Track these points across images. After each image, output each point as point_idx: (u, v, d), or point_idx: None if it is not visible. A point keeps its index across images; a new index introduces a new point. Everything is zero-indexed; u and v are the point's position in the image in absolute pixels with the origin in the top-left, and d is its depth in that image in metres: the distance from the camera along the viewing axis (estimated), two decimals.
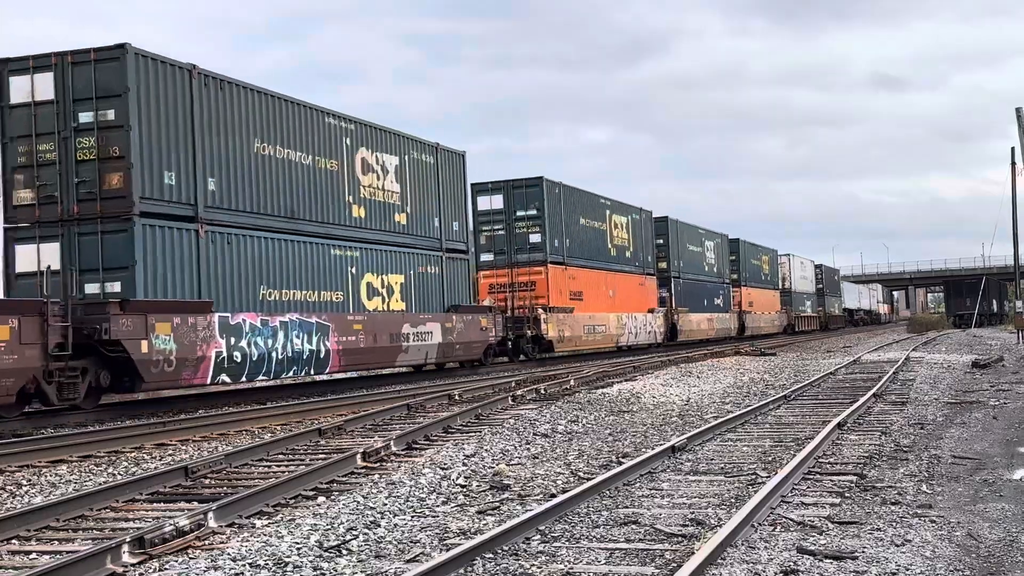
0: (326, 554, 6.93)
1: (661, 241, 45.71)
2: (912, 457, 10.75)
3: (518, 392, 18.82)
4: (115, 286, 17.03)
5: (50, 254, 16.97)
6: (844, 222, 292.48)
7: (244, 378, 19.19)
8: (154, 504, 9.08)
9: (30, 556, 7.25)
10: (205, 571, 6.57)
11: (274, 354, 19.53)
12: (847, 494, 8.71)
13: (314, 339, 20.82)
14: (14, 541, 7.64)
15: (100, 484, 9.90)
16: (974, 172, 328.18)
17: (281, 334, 19.72)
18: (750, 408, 15.31)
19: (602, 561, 6.66)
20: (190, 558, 6.95)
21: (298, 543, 7.23)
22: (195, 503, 8.90)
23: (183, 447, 13.05)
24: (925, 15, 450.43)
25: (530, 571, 6.38)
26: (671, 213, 49.96)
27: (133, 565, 6.81)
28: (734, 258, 57.66)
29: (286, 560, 6.75)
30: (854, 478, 9.44)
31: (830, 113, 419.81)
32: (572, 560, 6.65)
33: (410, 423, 14.69)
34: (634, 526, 7.61)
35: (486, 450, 11.82)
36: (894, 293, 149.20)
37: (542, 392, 19.36)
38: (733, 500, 8.56)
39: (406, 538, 7.41)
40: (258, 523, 8.06)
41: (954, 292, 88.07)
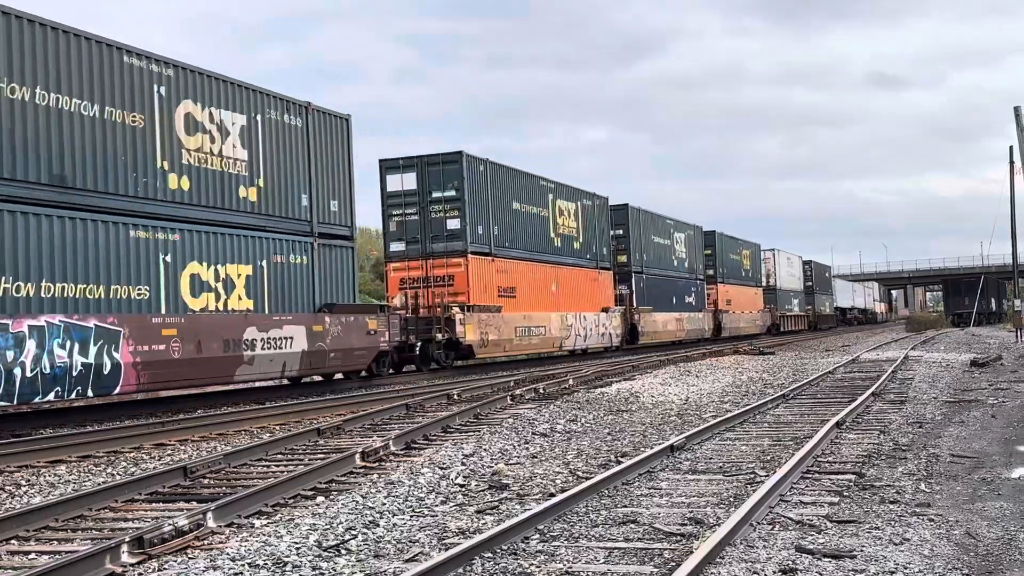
0: (325, 554, 6.94)
1: (621, 232, 40.99)
2: (911, 456, 10.76)
3: (517, 391, 18.84)
4: None
5: None
6: (843, 221, 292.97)
7: None
8: (153, 504, 9.09)
9: (29, 556, 7.25)
10: (204, 571, 6.57)
11: (18, 371, 14.44)
12: (846, 493, 8.72)
13: (92, 350, 15.66)
14: (13, 541, 7.64)
15: (99, 484, 9.90)
16: (973, 171, 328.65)
17: (31, 343, 14.68)
18: (749, 407, 15.32)
19: (601, 560, 6.67)
20: (189, 558, 6.96)
21: (297, 543, 7.23)
22: (194, 503, 8.91)
23: (182, 447, 13.06)
24: (923, 14, 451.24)
25: (529, 570, 6.38)
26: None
27: (132, 565, 6.82)
28: (709, 252, 52.91)
29: (285, 560, 6.75)
30: (853, 477, 9.45)
31: (829, 112, 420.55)
32: (571, 559, 6.66)
33: (409, 423, 14.70)
34: (633, 525, 7.62)
35: (485, 449, 11.83)
36: (893, 292, 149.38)
37: (541, 391, 19.38)
38: (732, 499, 8.56)
39: (405, 538, 7.41)
40: (257, 523, 8.06)
41: (953, 291, 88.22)
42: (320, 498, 9.10)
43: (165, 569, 6.70)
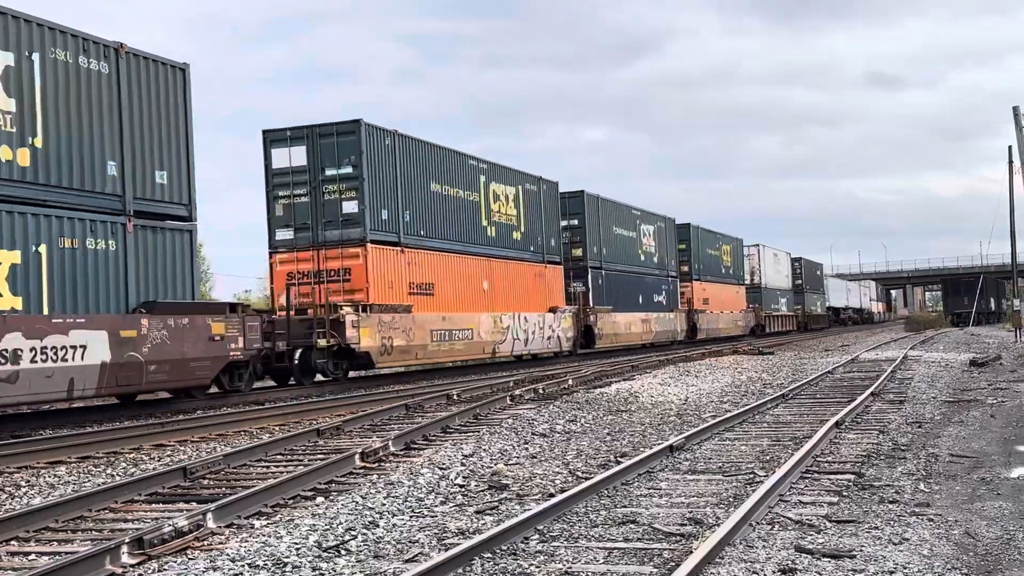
0: (325, 554, 6.94)
1: (576, 222, 36.60)
2: (910, 456, 10.78)
3: (516, 392, 18.85)
4: None
5: None
6: (842, 221, 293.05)
7: None
8: (153, 505, 9.10)
9: (29, 557, 7.26)
10: (204, 572, 6.58)
11: None
12: (845, 493, 8.73)
13: None
14: (13, 542, 7.65)
15: (99, 485, 9.91)
16: (971, 170, 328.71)
17: None
18: (748, 407, 15.33)
19: (600, 560, 6.67)
20: (189, 559, 6.96)
21: (297, 543, 7.24)
22: (194, 504, 8.91)
23: (181, 448, 13.07)
24: (920, 14, 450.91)
25: (528, 571, 6.39)
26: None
27: (132, 566, 6.82)
28: (683, 247, 48.53)
29: (285, 560, 6.76)
30: (852, 477, 9.46)
31: (827, 112, 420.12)
32: (570, 560, 6.67)
33: (408, 423, 14.71)
34: (632, 525, 7.63)
35: (484, 450, 11.83)
36: (892, 292, 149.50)
37: (540, 392, 19.39)
38: (731, 499, 8.57)
39: (405, 538, 7.42)
40: (257, 523, 8.07)
41: (952, 291, 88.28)
42: (320, 499, 9.10)
43: (165, 570, 6.71)
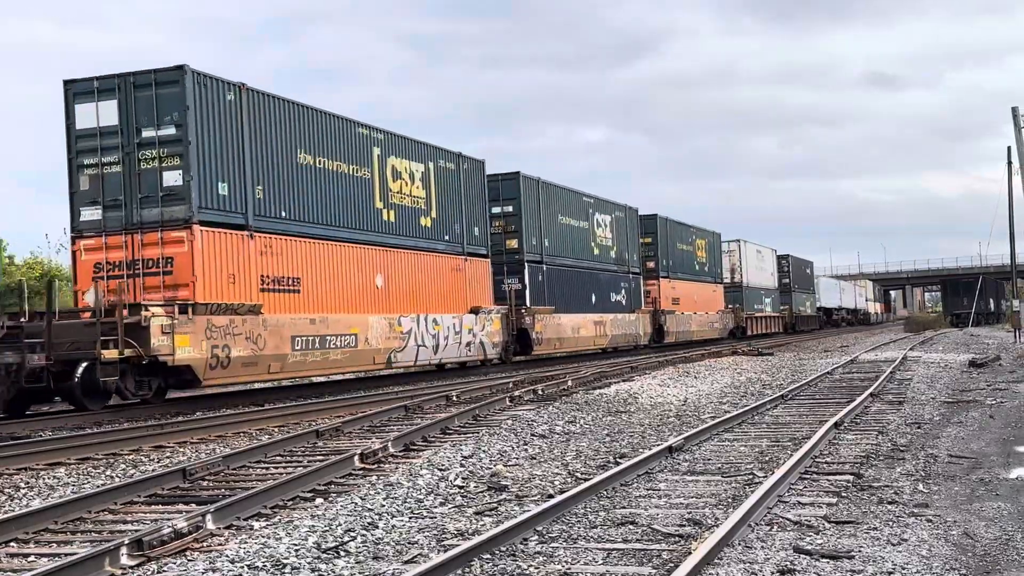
0: (324, 556, 6.95)
1: (510, 209, 31.62)
2: (909, 456, 10.78)
3: (516, 393, 18.84)
4: None
5: None
6: (842, 221, 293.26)
7: None
8: (152, 506, 9.10)
9: (28, 559, 7.26)
10: (203, 573, 6.59)
11: None
12: (844, 494, 8.74)
13: None
14: (12, 544, 7.65)
15: (98, 486, 9.91)
16: (970, 170, 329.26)
17: None
18: (747, 408, 15.34)
19: (599, 561, 6.68)
20: (188, 560, 6.97)
21: (296, 545, 7.24)
22: (193, 505, 8.91)
23: (181, 449, 13.06)
24: (919, 14, 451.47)
25: (528, 572, 6.40)
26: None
27: (131, 567, 6.83)
28: (649, 240, 43.82)
29: (284, 562, 6.76)
30: (851, 478, 9.47)
31: (825, 112, 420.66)
32: (570, 561, 6.67)
33: (408, 424, 14.71)
34: (631, 526, 7.63)
35: (484, 451, 11.84)
36: (892, 293, 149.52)
37: (540, 393, 19.39)
38: (730, 500, 8.58)
39: (404, 539, 7.42)
40: (256, 525, 8.07)
41: (951, 291, 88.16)
42: (319, 500, 9.11)
43: (164, 571, 6.71)
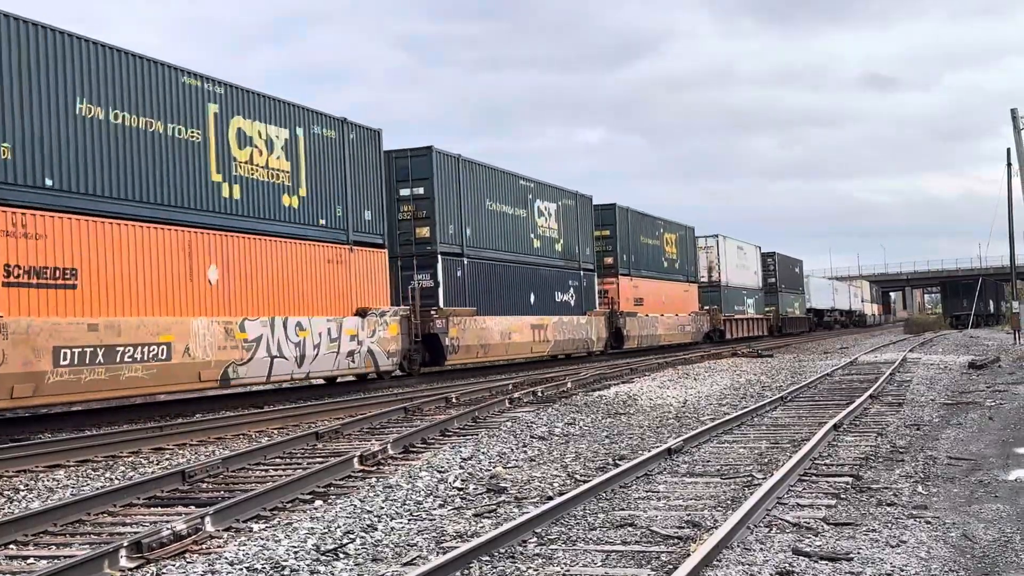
0: (323, 558, 6.95)
1: (421, 191, 26.23)
2: (908, 458, 10.79)
3: (515, 395, 18.84)
4: None
5: None
6: (841, 222, 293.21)
7: None
8: (152, 508, 9.09)
9: (27, 561, 7.26)
10: (202, 575, 6.59)
11: None
12: (843, 495, 8.74)
13: None
14: (12, 546, 7.64)
15: (98, 489, 9.90)
16: (968, 171, 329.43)
17: None
18: (747, 410, 15.34)
19: (598, 563, 6.68)
20: (187, 562, 6.97)
21: (295, 547, 7.25)
22: (192, 507, 8.92)
23: (180, 451, 13.06)
24: (916, 15, 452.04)
25: (527, 574, 6.40)
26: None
27: (131, 570, 6.83)
28: (607, 233, 38.58)
29: (283, 564, 6.77)
30: (850, 479, 9.47)
31: (823, 113, 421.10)
32: (569, 562, 6.67)
33: (407, 426, 14.71)
34: (630, 528, 7.64)
35: (483, 453, 11.84)
36: (891, 294, 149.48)
37: (539, 395, 19.39)
38: (729, 502, 8.58)
39: (403, 541, 7.43)
40: (255, 527, 8.07)
41: (951, 293, 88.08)
42: (318, 502, 9.11)
43: (163, 573, 6.71)
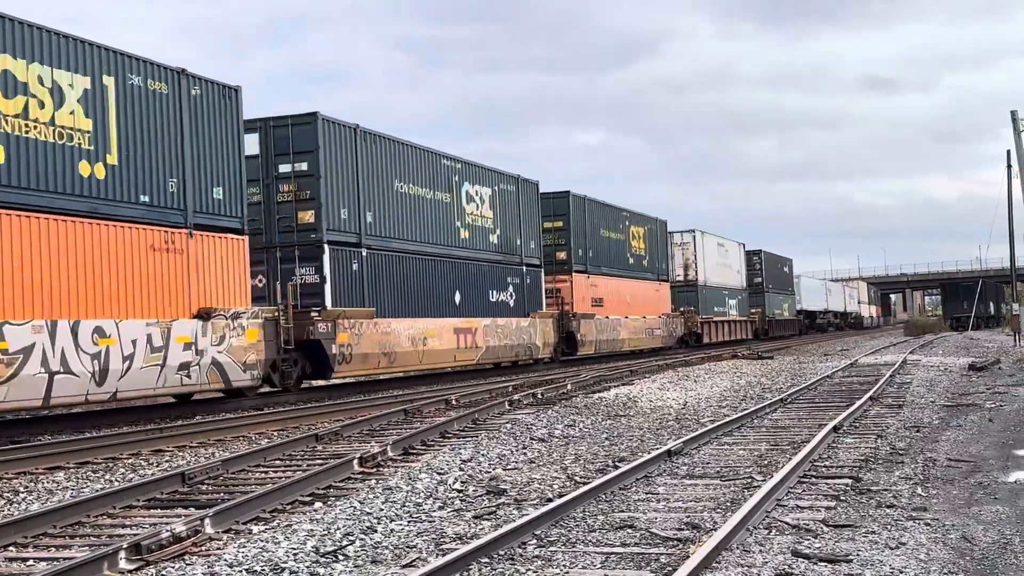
0: (323, 559, 6.95)
1: (304, 167, 22.19)
2: (907, 460, 10.79)
3: (515, 397, 18.84)
4: None
5: None
6: (841, 224, 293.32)
7: None
8: (151, 510, 9.10)
9: (27, 563, 7.26)
10: None
11: None
12: (842, 497, 8.74)
13: None
14: (11, 548, 7.64)
15: (97, 491, 9.91)
16: (968, 173, 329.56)
17: None
18: (746, 412, 15.34)
19: (598, 565, 6.68)
20: (187, 564, 6.97)
21: (295, 549, 7.25)
22: (192, 509, 8.92)
23: (180, 453, 13.06)
24: (915, 17, 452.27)
25: (526, 575, 6.40)
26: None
27: (130, 571, 6.83)
28: (560, 225, 34.51)
29: (283, 566, 6.77)
30: (849, 481, 9.47)
31: (822, 115, 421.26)
32: (568, 564, 6.67)
33: (407, 428, 14.71)
34: (630, 530, 7.63)
35: (483, 455, 11.84)
36: (891, 296, 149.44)
37: (539, 397, 19.39)
38: (729, 504, 8.58)
39: (402, 543, 7.43)
40: (255, 529, 8.07)
41: (951, 295, 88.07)
42: (318, 504, 9.11)
43: (163, 575, 6.72)
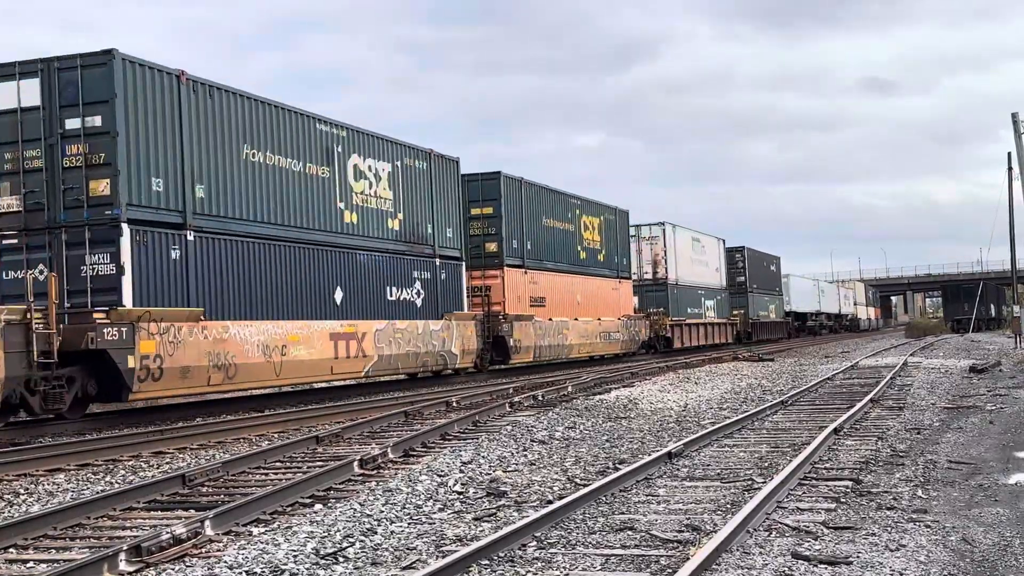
0: (323, 561, 6.95)
1: (98, 123, 16.47)
2: (908, 462, 10.78)
3: (516, 399, 18.83)
4: None
5: None
6: (841, 226, 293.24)
7: None
8: (151, 512, 9.10)
9: (27, 565, 7.26)
10: None
11: None
12: (843, 499, 8.74)
13: None
14: (11, 550, 7.65)
15: (98, 492, 9.91)
16: (968, 175, 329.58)
17: None
18: (747, 414, 15.34)
19: (598, 567, 6.68)
20: (187, 566, 6.97)
21: (295, 551, 7.24)
22: (192, 511, 8.92)
23: (181, 455, 13.06)
24: (914, 20, 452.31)
25: None
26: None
27: (130, 573, 6.84)
28: (490, 211, 29.01)
29: (283, 568, 6.76)
30: (850, 483, 9.47)
31: (821, 117, 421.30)
32: (568, 566, 6.67)
33: (407, 430, 14.71)
34: (630, 532, 7.63)
35: (483, 457, 11.83)
36: (892, 298, 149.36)
37: (540, 399, 19.39)
38: (729, 506, 8.58)
39: (403, 545, 7.42)
40: (255, 531, 8.07)
41: (952, 297, 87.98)
42: (318, 506, 9.11)
43: None
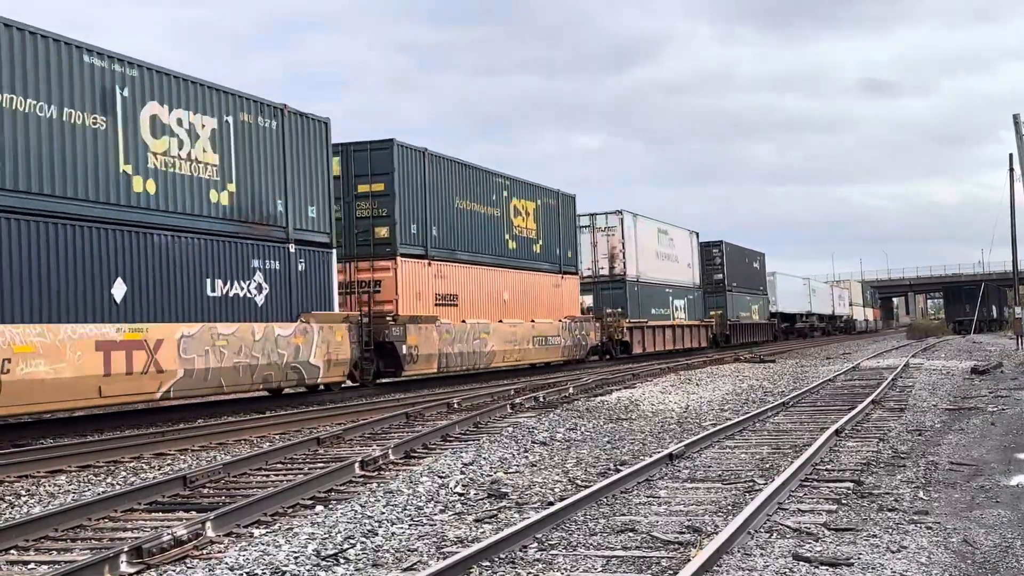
0: (323, 563, 6.95)
1: None
2: (909, 463, 10.77)
3: (517, 400, 18.83)
4: None
5: None
6: (841, 228, 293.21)
7: None
8: (152, 514, 9.10)
9: (28, 566, 7.26)
10: None
11: None
12: (844, 501, 8.73)
13: None
14: (13, 551, 7.65)
15: (99, 494, 9.91)
16: (969, 176, 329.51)
17: None
18: (748, 415, 15.33)
19: (599, 569, 6.68)
20: (188, 567, 6.97)
21: (296, 552, 7.24)
22: (193, 512, 8.92)
23: (182, 456, 13.07)
24: (914, 21, 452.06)
25: None
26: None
27: (131, 575, 6.83)
28: (381, 188, 24.28)
29: (283, 569, 6.76)
30: (851, 485, 9.46)
31: (821, 118, 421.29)
32: (569, 568, 6.67)
33: (408, 432, 14.71)
34: (631, 534, 7.63)
35: (484, 458, 11.83)
36: (894, 299, 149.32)
37: (541, 400, 19.38)
38: (730, 507, 8.57)
39: (403, 546, 7.42)
40: (256, 532, 8.07)
41: (953, 298, 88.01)
42: (319, 507, 9.11)
43: None
